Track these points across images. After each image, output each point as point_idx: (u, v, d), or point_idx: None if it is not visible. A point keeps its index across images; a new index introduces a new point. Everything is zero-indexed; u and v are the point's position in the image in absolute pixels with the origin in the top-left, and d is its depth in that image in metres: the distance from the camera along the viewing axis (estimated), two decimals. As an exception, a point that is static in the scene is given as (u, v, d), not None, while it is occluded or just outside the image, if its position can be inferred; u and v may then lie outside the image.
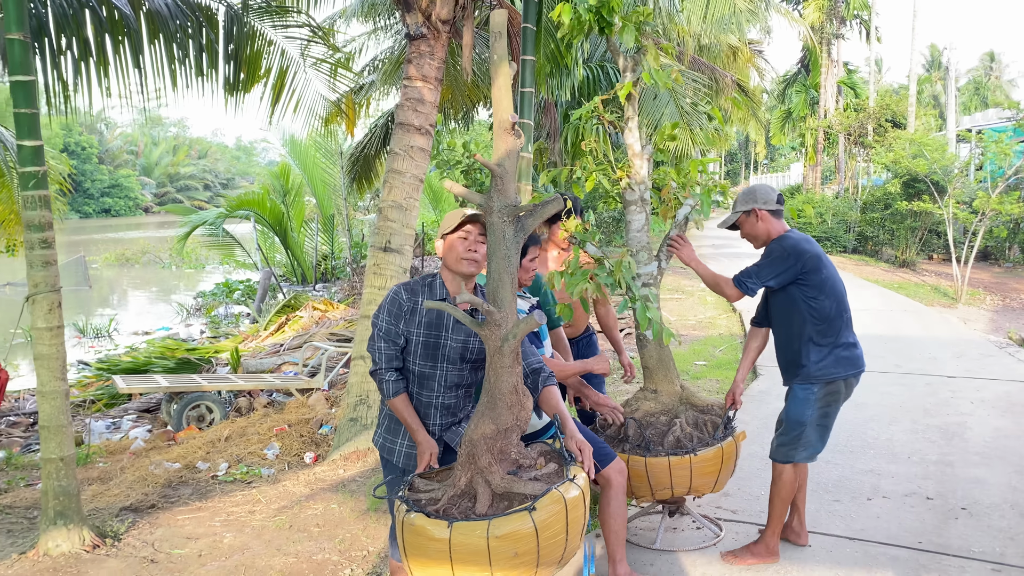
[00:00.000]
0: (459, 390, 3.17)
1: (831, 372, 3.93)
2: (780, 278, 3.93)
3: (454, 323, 3.09)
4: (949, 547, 4.21)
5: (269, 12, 7.56)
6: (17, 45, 4.50)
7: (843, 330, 3.98)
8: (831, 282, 3.94)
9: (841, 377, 3.95)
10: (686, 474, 3.96)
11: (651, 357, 4.24)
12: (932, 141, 17.25)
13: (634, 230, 4.32)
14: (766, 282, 3.96)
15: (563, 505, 2.54)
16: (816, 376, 3.93)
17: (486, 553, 2.44)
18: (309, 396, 8.58)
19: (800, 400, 3.99)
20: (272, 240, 22.89)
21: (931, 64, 66.02)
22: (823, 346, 3.93)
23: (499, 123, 2.70)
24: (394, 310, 3.07)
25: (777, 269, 3.92)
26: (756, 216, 4.05)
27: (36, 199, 4.56)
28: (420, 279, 3.16)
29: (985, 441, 5.95)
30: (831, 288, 3.93)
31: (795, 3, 31.84)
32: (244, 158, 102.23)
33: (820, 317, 3.93)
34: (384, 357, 3.08)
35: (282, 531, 5.01)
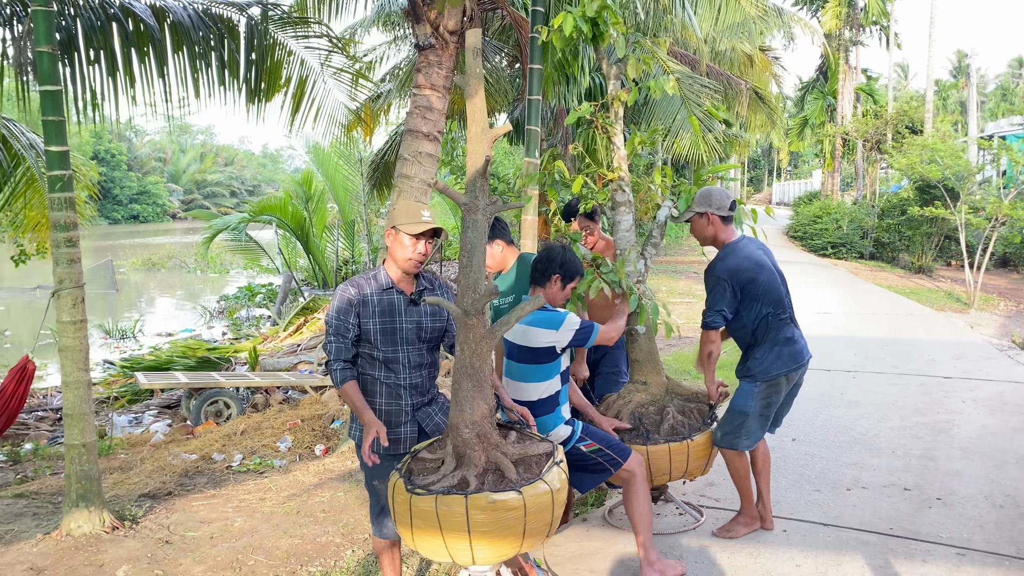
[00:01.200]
0: (422, 369, 3.46)
1: (772, 369, 4.22)
2: (730, 302, 4.21)
3: (405, 307, 3.38)
4: (919, 533, 4.40)
5: (290, 23, 7.84)
6: (46, 57, 4.84)
7: (783, 328, 4.26)
8: (768, 287, 4.23)
9: (782, 373, 4.24)
10: (683, 459, 4.23)
11: (641, 351, 4.47)
12: (946, 147, 17.28)
13: (623, 230, 4.53)
14: (720, 311, 4.22)
15: None
16: (758, 373, 4.24)
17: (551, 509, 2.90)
18: (323, 393, 8.90)
19: (744, 393, 4.30)
20: (294, 245, 23.33)
21: (957, 70, 65.46)
22: (764, 345, 4.24)
23: (472, 134, 2.94)
24: (343, 307, 3.34)
25: (722, 296, 4.20)
26: (708, 219, 4.29)
27: (62, 200, 4.89)
28: (364, 274, 3.44)
29: (970, 437, 6.12)
30: (768, 293, 4.22)
31: (813, 10, 31.86)
32: (270, 165, 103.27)
33: (759, 320, 4.23)
34: (335, 350, 3.36)
35: (290, 516, 5.30)
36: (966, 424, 6.47)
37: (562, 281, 3.89)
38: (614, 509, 4.85)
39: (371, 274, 3.42)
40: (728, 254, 4.25)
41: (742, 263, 4.21)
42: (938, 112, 30.42)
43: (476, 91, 2.95)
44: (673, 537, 4.44)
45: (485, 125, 2.97)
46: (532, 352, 3.78)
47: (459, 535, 2.78)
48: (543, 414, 3.80)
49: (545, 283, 3.87)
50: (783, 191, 61.06)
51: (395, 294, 3.38)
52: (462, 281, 2.95)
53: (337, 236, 23.60)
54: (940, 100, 45.10)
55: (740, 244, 4.31)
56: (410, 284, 3.43)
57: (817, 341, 10.24)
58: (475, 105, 2.93)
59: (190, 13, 7.07)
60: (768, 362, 4.21)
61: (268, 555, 4.65)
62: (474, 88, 2.95)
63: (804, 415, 6.82)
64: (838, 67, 31.33)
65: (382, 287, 3.37)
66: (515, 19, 9.06)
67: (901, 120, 25.49)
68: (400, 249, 3.33)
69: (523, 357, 3.81)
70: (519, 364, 3.84)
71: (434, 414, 3.49)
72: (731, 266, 4.19)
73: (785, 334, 4.25)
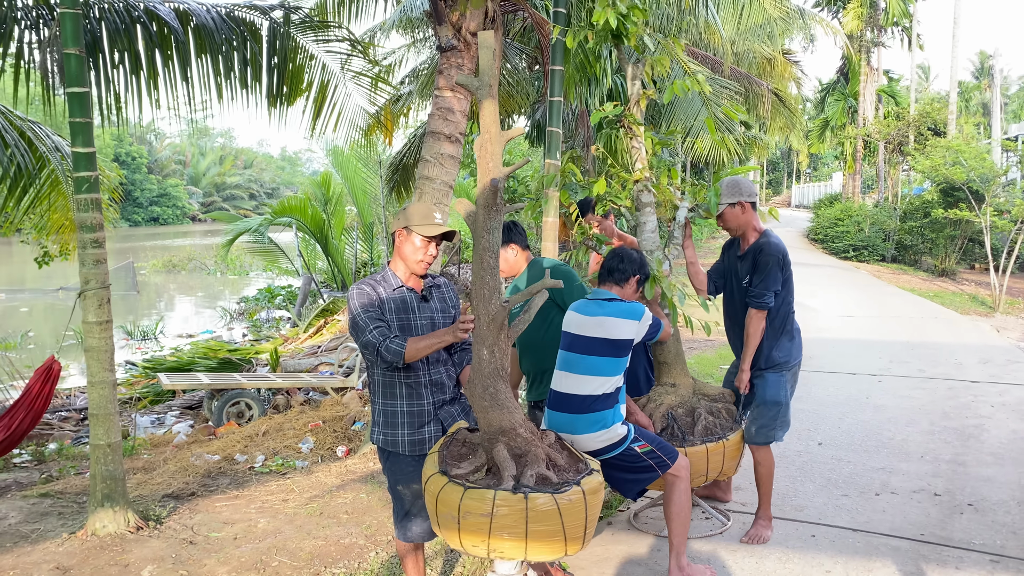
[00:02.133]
0: (440, 366, 3.44)
1: (796, 357, 4.46)
2: (781, 283, 4.32)
3: (418, 304, 3.38)
4: (951, 539, 4.34)
5: (311, 26, 7.86)
6: (73, 59, 4.87)
7: (794, 319, 4.51)
8: (791, 280, 4.43)
9: (799, 361, 4.51)
10: (720, 459, 4.24)
11: (668, 353, 4.47)
12: (970, 149, 17.09)
13: (648, 231, 4.54)
14: (775, 290, 4.31)
15: None
16: (784, 363, 4.41)
17: None
18: (343, 395, 8.90)
19: (774, 384, 4.41)
20: (313, 247, 23.40)
21: (980, 71, 64.82)
22: (785, 335, 4.41)
23: (480, 142, 2.89)
24: (365, 302, 3.30)
25: (778, 276, 4.30)
26: (741, 207, 4.39)
27: (88, 202, 4.92)
28: (371, 276, 3.43)
29: (1001, 442, 6.03)
30: (792, 285, 4.43)
31: (834, 12, 31.64)
32: (289, 168, 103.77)
33: (787, 311, 4.41)
34: (378, 334, 3.22)
35: (313, 517, 5.29)
36: (996, 429, 6.37)
37: (639, 282, 3.98)
38: (640, 513, 4.81)
39: (378, 276, 3.41)
40: (772, 237, 4.33)
41: (785, 249, 4.34)
42: (960, 114, 30.08)
43: (486, 100, 2.91)
44: (700, 541, 4.39)
45: (497, 128, 2.92)
46: (609, 344, 3.72)
47: (518, 534, 2.74)
48: (603, 409, 3.71)
49: (624, 283, 3.93)
50: (802, 194, 60.67)
51: (406, 292, 3.38)
52: (477, 285, 2.90)
53: (356, 238, 23.67)
54: (963, 102, 44.68)
55: (774, 235, 4.41)
56: (418, 282, 3.45)
57: (841, 344, 10.19)
58: (486, 111, 2.89)
59: (213, 16, 7.10)
60: (792, 351, 4.41)
61: (292, 556, 4.65)
62: (484, 99, 2.90)
63: (830, 419, 6.75)
64: (859, 68, 31.09)
65: (392, 287, 3.38)
66: (536, 20, 9.04)
67: (923, 122, 25.25)
68: (411, 250, 3.33)
69: (594, 349, 3.73)
70: (587, 357, 3.74)
71: (456, 414, 3.47)
72: (782, 248, 4.32)
73: (797, 325, 4.50)
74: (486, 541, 2.75)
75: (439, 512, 2.88)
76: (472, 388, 2.98)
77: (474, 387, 2.97)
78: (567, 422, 3.70)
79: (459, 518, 2.79)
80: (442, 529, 2.92)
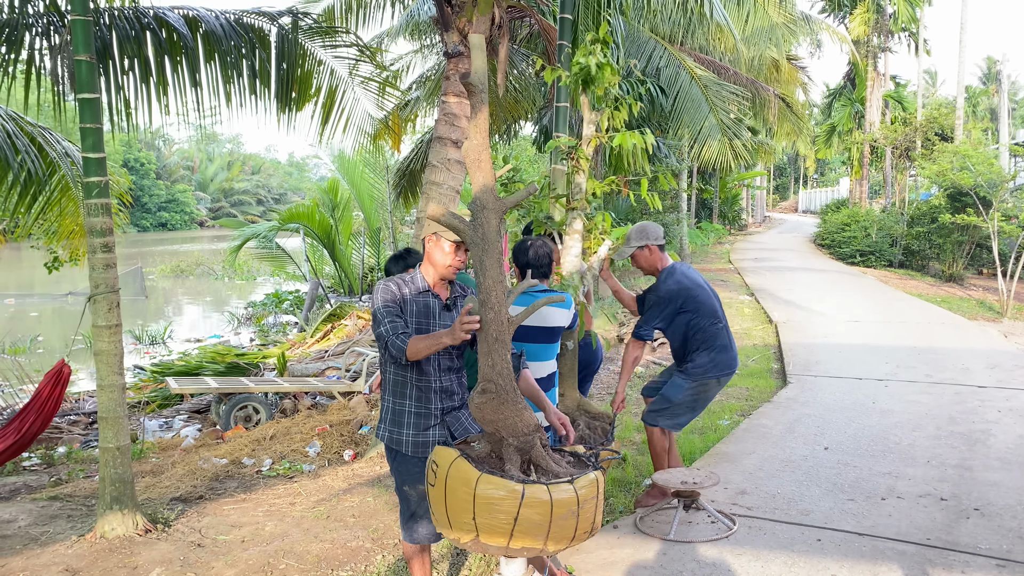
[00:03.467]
0: (451, 373, 3.46)
1: (707, 373, 4.86)
2: (666, 318, 4.86)
3: (439, 311, 3.39)
4: (957, 544, 4.33)
5: (319, 32, 7.91)
6: (84, 65, 4.92)
7: (718, 337, 4.87)
8: (704, 302, 4.85)
9: (714, 377, 4.89)
10: None
11: (565, 365, 4.64)
12: (978, 154, 17.03)
13: (572, 255, 4.78)
14: (656, 326, 4.87)
15: None
16: (694, 374, 4.87)
17: None
18: (350, 399, 8.94)
19: (675, 385, 4.94)
20: (321, 252, 23.51)
21: (987, 76, 64.68)
22: (703, 350, 4.85)
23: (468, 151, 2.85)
24: (388, 297, 3.32)
25: (660, 313, 4.85)
26: (649, 250, 4.93)
27: (98, 207, 4.96)
28: (399, 276, 3.44)
29: (1007, 447, 6.02)
30: (704, 306, 4.84)
31: (841, 18, 31.62)
32: (296, 174, 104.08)
33: (698, 330, 4.84)
34: (391, 328, 3.25)
35: (320, 521, 5.32)
36: (1003, 434, 6.36)
37: None
38: (646, 516, 4.82)
39: (407, 277, 3.42)
40: (668, 277, 4.87)
41: (682, 282, 4.83)
42: (968, 119, 29.99)
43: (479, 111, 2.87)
44: (705, 546, 4.40)
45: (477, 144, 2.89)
46: (544, 331, 4.09)
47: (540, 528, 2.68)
48: (548, 389, 4.08)
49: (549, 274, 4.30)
50: (809, 199, 60.60)
51: (431, 297, 3.39)
52: (483, 283, 2.84)
53: (363, 243, 23.75)
54: (970, 107, 44.59)
55: (677, 267, 4.94)
56: (445, 290, 3.45)
57: (848, 349, 10.18)
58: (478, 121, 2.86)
59: (222, 22, 7.15)
60: (707, 366, 4.84)
61: (299, 559, 4.67)
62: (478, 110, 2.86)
63: (836, 423, 6.75)
64: (866, 74, 31.05)
65: (418, 290, 3.38)
66: (543, 27, 9.09)
67: (931, 127, 25.16)
68: (440, 255, 3.34)
69: (537, 337, 4.07)
70: (532, 344, 4.05)
71: (463, 418, 3.49)
72: (673, 288, 4.83)
73: (721, 342, 4.87)
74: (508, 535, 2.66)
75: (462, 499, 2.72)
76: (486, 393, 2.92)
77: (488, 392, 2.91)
78: None
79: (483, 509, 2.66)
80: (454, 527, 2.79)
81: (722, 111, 13.75)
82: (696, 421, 7.13)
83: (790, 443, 6.25)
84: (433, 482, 2.80)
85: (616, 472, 5.81)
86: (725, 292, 16.09)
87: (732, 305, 14.50)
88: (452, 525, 2.75)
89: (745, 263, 22.17)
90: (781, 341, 10.76)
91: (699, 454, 6.11)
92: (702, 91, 13.52)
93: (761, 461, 5.82)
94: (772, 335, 11.58)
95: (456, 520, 2.72)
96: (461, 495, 2.69)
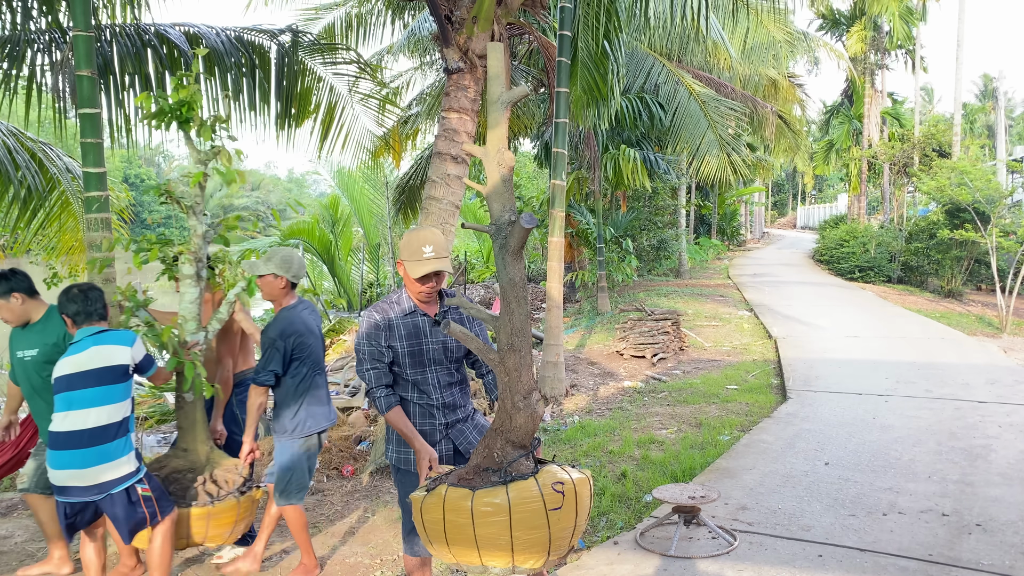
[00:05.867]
0: (453, 387, 3.46)
1: (309, 426, 4.55)
2: (281, 362, 4.45)
3: (430, 328, 3.38)
4: (959, 560, 4.31)
5: (319, 50, 7.95)
6: (85, 81, 4.95)
7: (318, 389, 4.60)
8: (313, 350, 4.55)
9: (317, 431, 4.59)
10: (203, 523, 4.17)
11: (186, 418, 4.36)
12: (976, 170, 17.08)
13: (187, 301, 4.41)
14: (274, 370, 4.44)
15: None
16: (296, 430, 4.53)
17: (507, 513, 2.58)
18: (349, 414, 8.89)
19: (285, 450, 4.55)
20: (320, 268, 23.54)
21: (984, 94, 64.97)
22: (303, 404, 4.53)
23: (483, 152, 2.85)
24: (372, 332, 3.34)
25: (275, 357, 4.43)
26: (282, 281, 4.56)
27: (98, 221, 4.98)
28: (386, 298, 3.45)
29: (1008, 463, 5.99)
30: (312, 355, 4.54)
31: (838, 35, 31.82)
32: (296, 190, 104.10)
33: (303, 379, 4.51)
34: (373, 377, 3.34)
35: (318, 536, 5.29)
36: (1003, 449, 6.34)
37: None
38: (646, 532, 4.80)
39: (393, 299, 3.43)
40: (284, 319, 4.51)
41: (297, 327, 4.48)
42: (965, 135, 30.10)
43: (496, 115, 2.86)
44: (706, 561, 4.37)
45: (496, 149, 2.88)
46: (108, 371, 3.81)
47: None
48: (110, 440, 3.78)
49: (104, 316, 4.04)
50: (808, 215, 60.78)
51: (419, 316, 3.38)
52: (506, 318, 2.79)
53: (362, 259, 23.78)
54: (967, 123, 44.71)
55: (296, 309, 4.56)
56: (432, 306, 3.44)
57: (848, 364, 10.16)
58: (495, 127, 2.85)
59: (223, 39, 7.19)
60: (307, 420, 4.53)
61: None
62: (495, 114, 2.85)
63: (837, 439, 6.73)
64: (864, 91, 31.21)
65: (405, 311, 3.38)
66: (542, 43, 9.14)
67: (928, 143, 25.28)
68: (410, 283, 3.36)
69: (93, 380, 3.79)
70: (87, 390, 3.77)
71: (468, 431, 3.47)
72: (287, 330, 4.46)
73: (321, 392, 4.61)
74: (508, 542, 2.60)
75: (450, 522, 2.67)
76: None
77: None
78: (74, 458, 3.71)
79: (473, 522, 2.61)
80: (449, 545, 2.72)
81: (721, 127, 13.80)
82: (696, 436, 7.13)
83: (790, 458, 6.23)
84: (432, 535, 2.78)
85: (617, 487, 5.78)
86: (724, 308, 16.10)
87: (731, 321, 14.50)
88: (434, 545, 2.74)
89: (744, 279, 22.18)
90: (781, 356, 10.75)
91: (699, 469, 6.08)
92: (700, 107, 13.58)
93: (762, 476, 5.80)
94: (772, 350, 11.57)
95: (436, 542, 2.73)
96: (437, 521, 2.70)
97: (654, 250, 22.36)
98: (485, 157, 2.73)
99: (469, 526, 2.58)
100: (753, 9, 12.96)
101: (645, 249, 21.80)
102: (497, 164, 2.71)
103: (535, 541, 2.61)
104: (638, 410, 8.41)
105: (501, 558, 2.63)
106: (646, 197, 21.11)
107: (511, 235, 2.62)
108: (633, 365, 11.05)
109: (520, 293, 2.65)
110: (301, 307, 4.61)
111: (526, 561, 2.65)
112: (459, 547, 2.64)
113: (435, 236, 3.30)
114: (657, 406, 8.56)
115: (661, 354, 11.25)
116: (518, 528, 2.57)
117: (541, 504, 2.61)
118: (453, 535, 2.62)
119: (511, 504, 2.57)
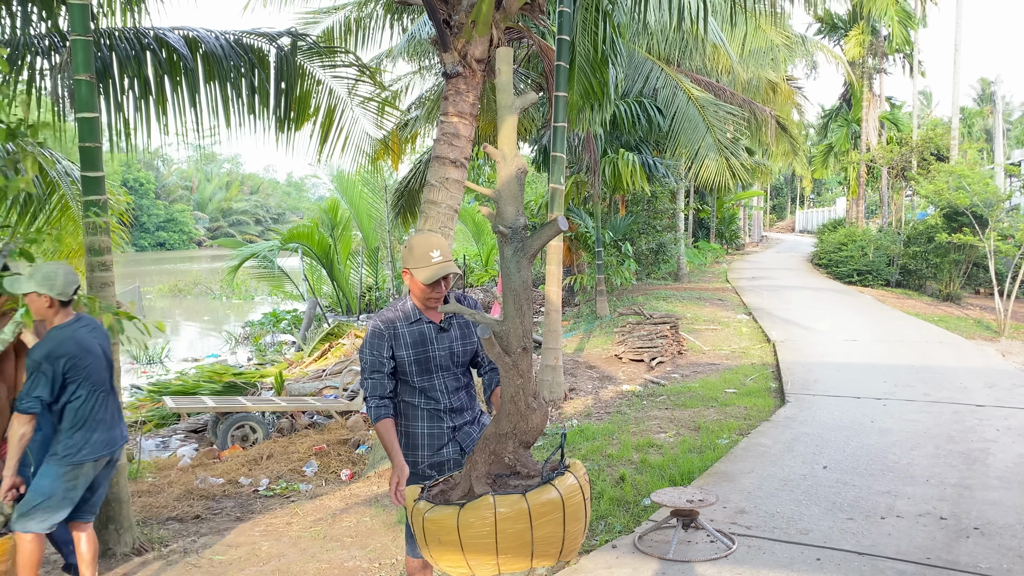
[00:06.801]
0: (460, 392, 3.47)
1: (81, 454, 4.10)
2: (52, 388, 4.02)
3: (436, 335, 3.38)
4: (957, 563, 4.31)
5: (318, 53, 7.96)
6: (84, 85, 4.95)
7: (105, 408, 4.21)
8: (92, 370, 4.13)
9: (90, 459, 4.13)
10: None
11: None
12: (974, 173, 17.11)
13: None
14: (41, 397, 4.01)
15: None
16: (65, 456, 4.08)
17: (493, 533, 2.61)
18: (348, 418, 8.91)
19: (48, 474, 4.09)
20: (319, 272, 23.55)
21: (981, 97, 65.07)
22: (80, 428, 4.11)
23: (501, 155, 2.87)
24: (376, 342, 3.34)
25: (40, 382, 4.00)
26: (48, 300, 4.08)
27: (97, 225, 4.97)
28: (391, 305, 3.45)
29: (1007, 466, 6.00)
30: (90, 376, 4.12)
31: (836, 40, 31.87)
32: (295, 193, 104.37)
33: (81, 402, 4.11)
34: (371, 386, 3.36)
35: (316, 541, 5.29)
36: (1002, 453, 6.35)
37: None
38: (644, 536, 4.80)
39: (398, 305, 3.44)
40: (51, 339, 4.07)
41: (67, 347, 4.05)
42: (963, 139, 30.15)
43: (506, 119, 2.88)
44: (704, 565, 4.38)
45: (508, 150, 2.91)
46: None
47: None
48: None
49: None
50: (806, 219, 60.87)
51: (424, 323, 3.38)
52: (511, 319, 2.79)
53: (361, 263, 23.79)
54: (965, 127, 44.81)
55: (70, 328, 4.13)
56: (436, 313, 3.43)
57: (846, 368, 10.17)
58: (506, 130, 2.88)
59: (222, 43, 7.19)
60: (82, 447, 4.11)
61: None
62: (504, 118, 2.87)
63: (835, 443, 6.73)
64: (862, 95, 31.26)
65: (410, 319, 3.38)
66: (541, 48, 9.16)
67: (926, 147, 25.32)
68: (417, 290, 3.36)
69: None
70: None
71: (475, 434, 3.48)
72: (55, 351, 4.02)
73: (105, 415, 4.21)
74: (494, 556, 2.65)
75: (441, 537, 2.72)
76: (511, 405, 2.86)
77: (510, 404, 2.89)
78: None
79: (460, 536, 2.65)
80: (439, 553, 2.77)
81: (719, 131, 13.84)
82: (695, 440, 7.13)
83: (789, 462, 6.23)
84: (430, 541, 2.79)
85: (615, 491, 5.79)
86: (723, 311, 16.11)
87: (730, 324, 14.51)
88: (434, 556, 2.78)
89: (742, 282, 22.19)
90: (779, 360, 10.75)
91: (698, 473, 6.08)
92: (699, 111, 13.61)
93: (760, 480, 5.80)
94: (770, 354, 11.58)
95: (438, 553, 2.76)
96: None
97: (653, 254, 22.37)
98: (501, 160, 2.76)
99: (527, 531, 2.61)
100: (751, 13, 12.99)
101: (644, 253, 21.81)
102: (515, 168, 2.73)
103: (577, 533, 2.72)
104: (636, 414, 8.41)
105: (550, 557, 2.69)
106: (645, 201, 21.12)
107: (534, 238, 2.66)
108: (632, 369, 11.06)
109: (530, 296, 2.69)
110: (77, 325, 4.17)
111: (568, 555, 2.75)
112: (508, 556, 2.64)
113: (439, 240, 3.34)
114: (655, 410, 8.56)
115: (660, 358, 11.26)
116: (570, 522, 2.66)
117: (581, 497, 2.70)
118: (506, 543, 2.62)
119: (564, 499, 2.64)
